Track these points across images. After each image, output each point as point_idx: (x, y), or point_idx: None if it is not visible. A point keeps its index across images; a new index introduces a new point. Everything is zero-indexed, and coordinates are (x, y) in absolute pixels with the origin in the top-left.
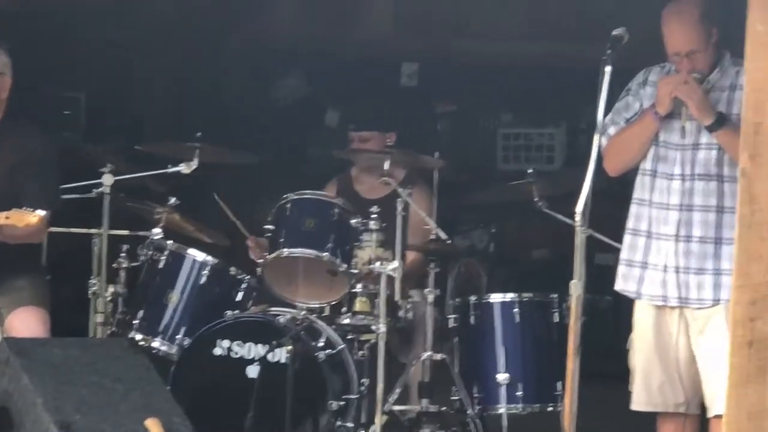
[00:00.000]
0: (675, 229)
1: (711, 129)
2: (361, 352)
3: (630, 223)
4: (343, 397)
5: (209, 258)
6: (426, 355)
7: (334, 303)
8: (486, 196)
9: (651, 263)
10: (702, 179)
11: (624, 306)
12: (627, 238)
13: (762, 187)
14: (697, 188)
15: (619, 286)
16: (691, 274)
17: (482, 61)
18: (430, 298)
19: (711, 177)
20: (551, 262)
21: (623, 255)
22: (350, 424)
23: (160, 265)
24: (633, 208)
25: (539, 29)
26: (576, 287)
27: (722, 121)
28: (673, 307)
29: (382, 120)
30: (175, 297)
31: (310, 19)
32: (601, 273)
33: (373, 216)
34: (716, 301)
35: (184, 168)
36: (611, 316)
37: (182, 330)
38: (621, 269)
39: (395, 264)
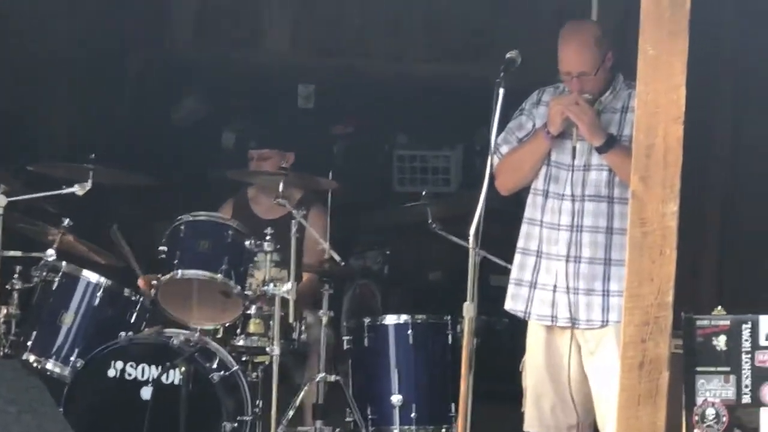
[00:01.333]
0: (565, 250)
1: (601, 150)
2: (255, 374)
3: (520, 243)
4: (237, 418)
5: (103, 279)
6: (320, 376)
7: (228, 324)
8: (381, 217)
9: (540, 283)
10: (592, 200)
11: (520, 327)
12: (517, 258)
13: (653, 209)
14: (588, 209)
15: (509, 305)
16: (581, 295)
17: (378, 82)
18: (324, 319)
19: (601, 198)
20: (446, 283)
21: (513, 274)
22: None
23: (54, 287)
24: (524, 228)
25: (435, 50)
26: (469, 309)
27: (612, 143)
28: (563, 328)
29: (281, 139)
30: (68, 318)
31: (208, 40)
32: (497, 294)
33: (267, 237)
34: (605, 323)
35: (77, 189)
36: (507, 337)
37: (76, 351)
38: (511, 289)
39: (289, 285)
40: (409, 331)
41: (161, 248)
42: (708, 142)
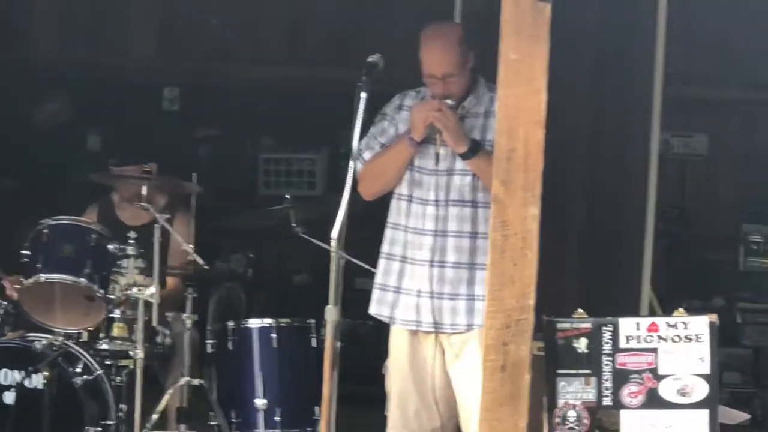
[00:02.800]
0: (429, 255)
1: (464, 156)
2: (119, 378)
3: (385, 248)
4: (101, 422)
5: None
6: (184, 380)
7: (91, 329)
8: (246, 220)
9: (405, 288)
10: (456, 205)
11: (384, 330)
12: (381, 263)
13: (514, 213)
14: (452, 214)
15: (374, 310)
16: (445, 300)
17: (244, 85)
18: (188, 323)
19: (465, 203)
20: (312, 287)
21: (377, 279)
22: None
23: None
24: (388, 233)
25: (301, 54)
26: (331, 312)
27: (476, 149)
28: (427, 333)
29: (142, 152)
30: None
31: (72, 43)
32: (362, 297)
33: (130, 242)
34: (470, 327)
35: None
36: (372, 340)
37: None
38: (375, 293)
39: (153, 289)
40: (273, 335)
41: (24, 252)
42: (569, 145)
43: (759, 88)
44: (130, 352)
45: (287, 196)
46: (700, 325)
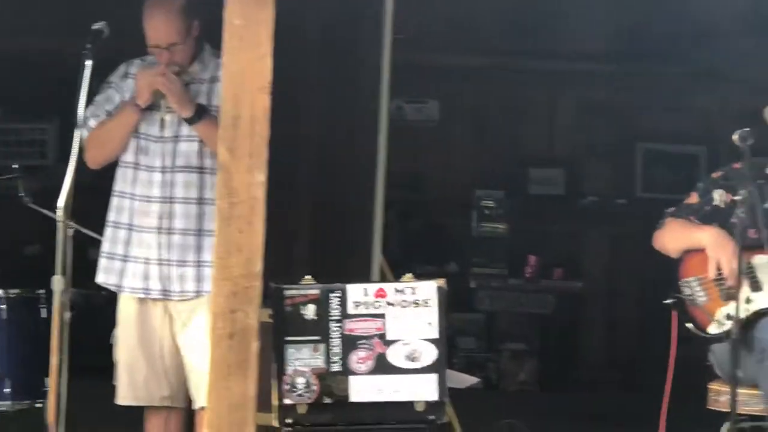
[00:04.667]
0: (157, 222)
1: (190, 121)
2: None
3: (111, 216)
4: None
5: None
6: None
7: None
8: None
9: (132, 256)
10: (183, 171)
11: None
12: (108, 231)
13: (240, 180)
14: (179, 180)
15: (101, 279)
16: (174, 266)
17: None
18: None
19: (192, 169)
20: (43, 257)
21: (104, 248)
22: None
23: None
24: (114, 201)
25: (26, 24)
26: (58, 282)
27: (201, 114)
28: (156, 300)
29: None
30: None
31: None
32: (95, 267)
33: None
34: (198, 293)
35: None
36: (106, 311)
37: None
38: (102, 262)
39: None
40: (2, 306)
41: None
42: (298, 112)
43: (490, 53)
44: None
45: (15, 166)
46: (428, 290)
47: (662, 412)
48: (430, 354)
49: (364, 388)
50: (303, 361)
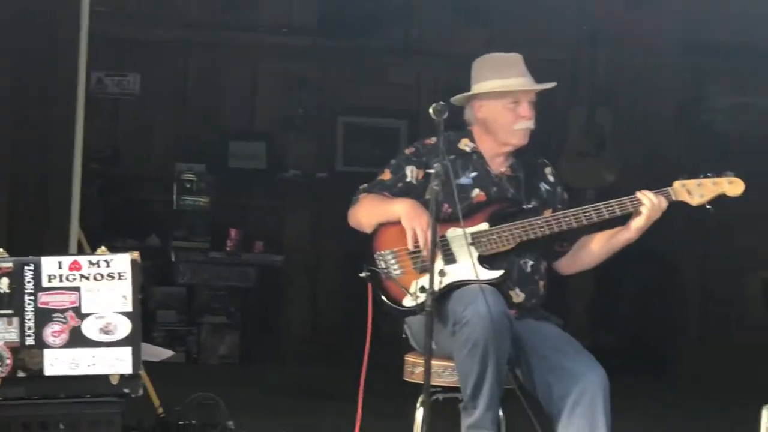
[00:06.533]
0: None
1: None
2: None
3: None
4: None
5: None
6: None
7: None
8: None
9: None
10: None
11: None
12: None
13: None
14: None
15: None
16: None
17: None
18: None
19: None
20: None
21: None
22: None
23: None
24: None
25: None
26: None
27: None
28: None
29: None
30: None
31: None
32: None
33: None
34: None
35: None
36: None
37: None
38: None
39: None
40: None
41: None
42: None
43: (191, 26)
44: None
45: None
46: (123, 263)
47: (360, 383)
48: (124, 327)
49: (58, 362)
50: None
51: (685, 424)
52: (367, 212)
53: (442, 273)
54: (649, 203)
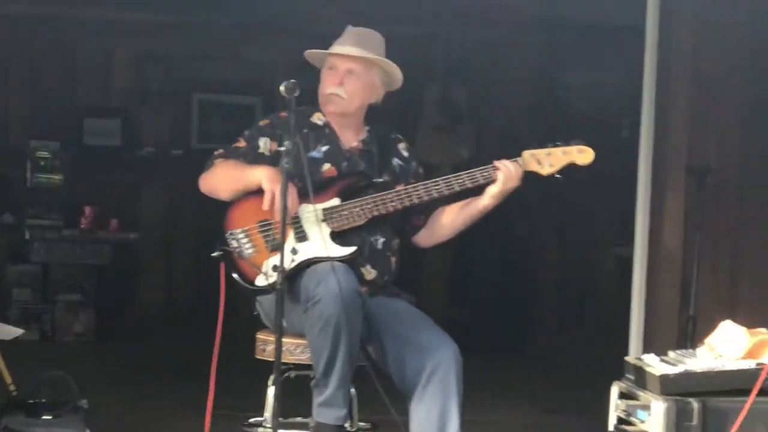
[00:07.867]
0: None
1: None
2: None
3: None
4: None
5: None
6: None
7: None
8: None
9: None
10: None
11: None
12: None
13: None
14: None
15: None
16: None
17: None
18: None
19: None
20: None
21: None
22: None
23: None
24: None
25: None
26: None
27: None
28: None
29: None
30: None
31: None
32: None
33: None
34: None
35: None
36: None
37: None
38: None
39: None
40: None
41: None
42: None
43: (46, 1)
44: None
45: None
46: None
47: (213, 362)
48: None
49: None
50: None
51: (539, 400)
52: (225, 177)
53: (294, 251)
54: (505, 169)
